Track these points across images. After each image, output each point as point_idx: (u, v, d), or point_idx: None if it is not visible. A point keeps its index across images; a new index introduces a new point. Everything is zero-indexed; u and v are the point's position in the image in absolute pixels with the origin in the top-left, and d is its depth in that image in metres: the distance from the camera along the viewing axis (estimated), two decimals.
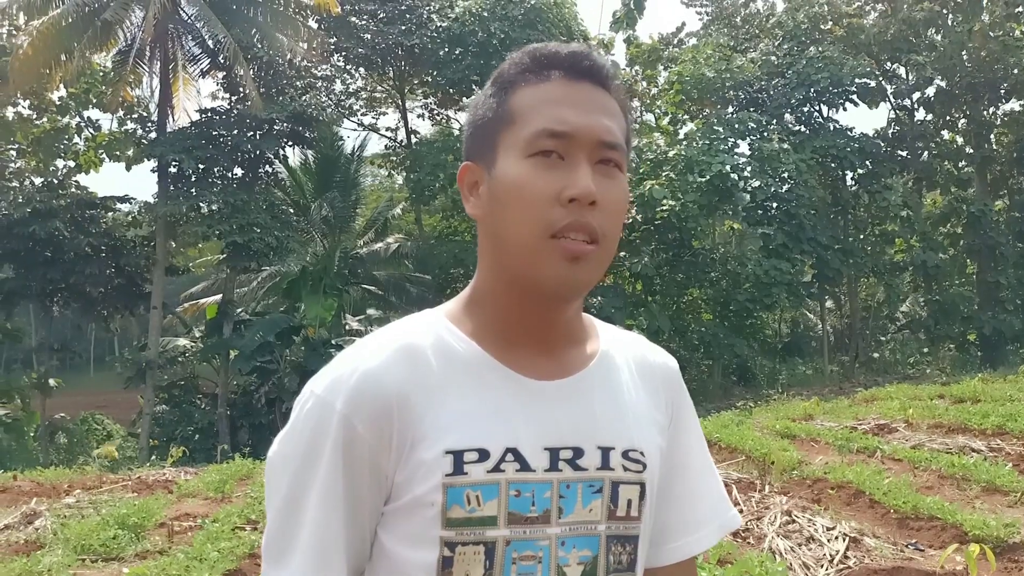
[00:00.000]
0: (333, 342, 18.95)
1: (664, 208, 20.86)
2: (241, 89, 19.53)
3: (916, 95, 25.74)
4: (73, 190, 21.49)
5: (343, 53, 22.94)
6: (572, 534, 0.95)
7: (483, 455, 0.92)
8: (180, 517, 6.86)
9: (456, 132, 24.36)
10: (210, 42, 19.52)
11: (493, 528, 0.92)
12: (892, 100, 26.06)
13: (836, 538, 4.67)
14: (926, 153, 26.18)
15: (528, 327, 0.99)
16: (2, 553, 5.80)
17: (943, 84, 25.01)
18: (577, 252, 0.94)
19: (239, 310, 21.17)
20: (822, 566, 4.36)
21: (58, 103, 22.98)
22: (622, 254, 23.29)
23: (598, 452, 0.97)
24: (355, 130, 27.13)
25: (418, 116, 26.22)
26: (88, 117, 23.80)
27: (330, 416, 0.92)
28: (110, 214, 22.11)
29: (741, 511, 5.73)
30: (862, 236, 25.06)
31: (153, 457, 16.11)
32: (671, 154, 22.38)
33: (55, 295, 21.13)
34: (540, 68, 0.99)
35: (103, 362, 42.13)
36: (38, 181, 22.24)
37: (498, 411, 0.94)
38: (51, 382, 21.35)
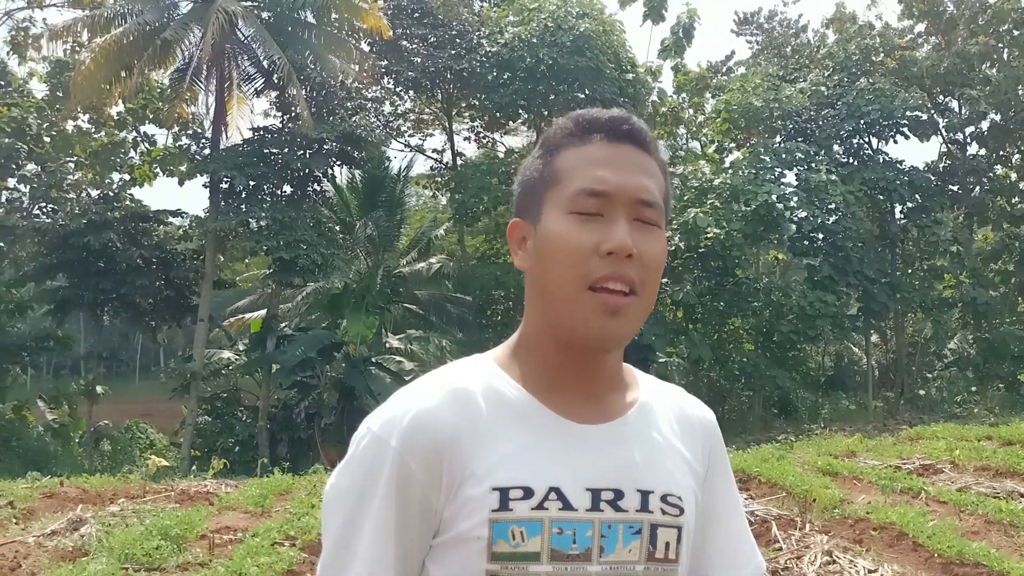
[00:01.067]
0: (373, 359, 19.13)
1: (708, 236, 20.77)
2: (293, 108, 19.94)
3: (969, 129, 25.35)
4: (127, 203, 22.05)
5: (393, 76, 23.30)
6: (612, 573, 0.99)
7: (528, 493, 0.97)
8: (221, 530, 6.96)
9: (501, 155, 24.57)
10: (265, 62, 19.98)
11: (536, 563, 0.96)
12: (944, 134, 25.68)
13: None
14: (978, 188, 25.73)
15: (571, 374, 1.04)
16: (49, 559, 5.95)
17: (997, 118, 24.61)
18: (615, 305, 0.99)
19: (282, 325, 21.48)
20: None
21: (116, 118, 23.65)
22: (664, 281, 23.16)
23: (638, 495, 1.02)
24: (402, 151, 27.55)
25: (464, 139, 26.48)
26: (144, 132, 24.44)
27: (385, 453, 0.98)
28: (162, 227, 22.64)
29: (780, 549, 5.67)
30: (910, 271, 24.64)
31: (194, 468, 16.37)
32: (716, 182, 22.31)
33: (106, 304, 21.64)
34: (583, 132, 1.06)
35: (148, 371, 42.96)
36: (94, 193, 22.87)
37: (543, 453, 0.99)
38: (98, 389, 21.82)
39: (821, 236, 22.43)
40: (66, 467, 15.81)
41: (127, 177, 24.35)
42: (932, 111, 24.98)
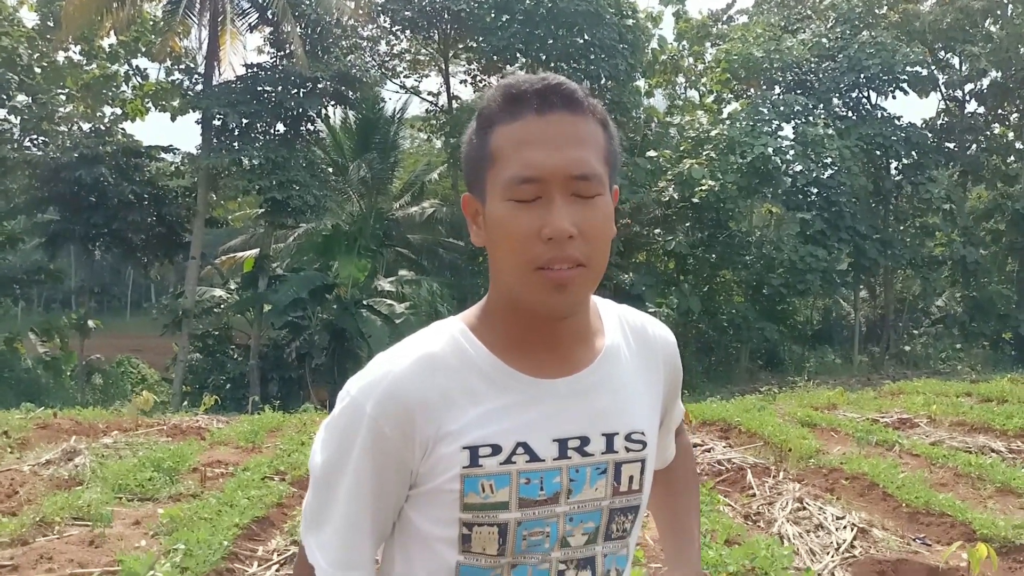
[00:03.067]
0: (365, 302, 19.23)
1: (703, 188, 20.76)
2: (287, 45, 19.67)
3: (968, 86, 25.25)
4: (119, 137, 21.88)
5: (389, 14, 22.95)
6: (579, 511, 1.10)
7: (496, 449, 1.06)
8: (212, 463, 7.12)
9: None
10: None
11: (505, 512, 1.06)
12: (943, 90, 25.57)
13: (845, 527, 4.76)
14: (974, 146, 25.71)
15: (537, 337, 1.11)
16: (45, 487, 6.09)
17: (997, 76, 24.46)
18: (561, 280, 1.03)
19: (274, 265, 21.53)
20: (828, 553, 4.46)
21: (108, 50, 23.32)
22: (656, 231, 23.24)
23: (603, 439, 1.11)
24: (397, 92, 27.24)
25: (460, 82, 26.19)
26: (136, 66, 24.14)
27: (360, 418, 1.06)
28: (154, 163, 22.50)
29: (754, 495, 5.84)
30: (902, 227, 24.74)
31: (185, 403, 16.57)
32: (713, 133, 22.22)
33: (97, 239, 21.63)
34: (512, 105, 1.06)
35: (140, 307, 43.04)
36: (86, 127, 22.66)
37: (510, 411, 1.08)
38: (89, 323, 21.93)
39: (815, 190, 22.44)
40: (58, 399, 15.98)
41: (119, 111, 24.12)
42: (933, 67, 24.82)
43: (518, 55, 22.68)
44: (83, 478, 6.35)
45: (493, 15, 21.49)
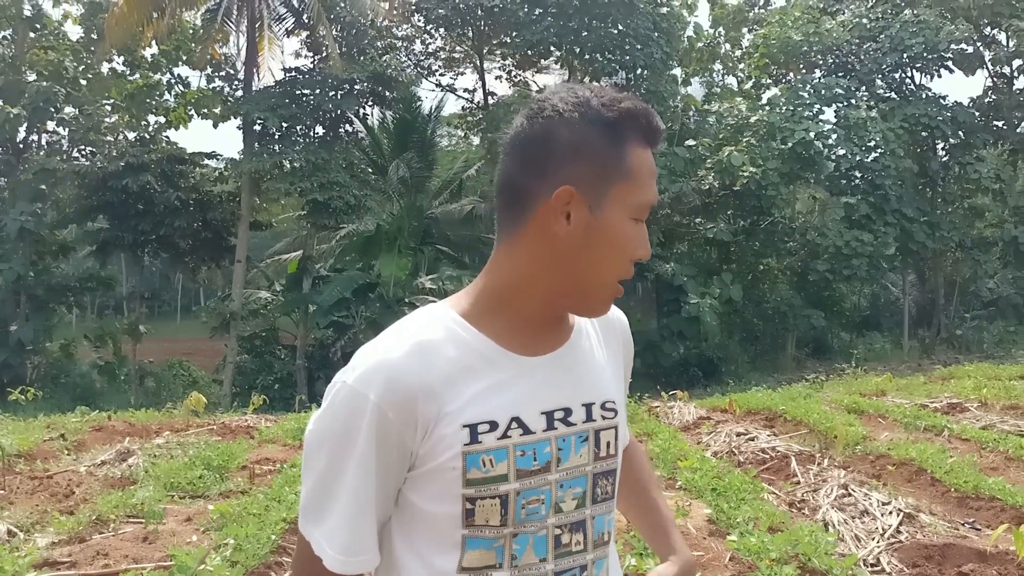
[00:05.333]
0: (407, 300, 19.38)
1: (744, 175, 20.52)
2: (324, 48, 19.91)
3: (1016, 62, 24.51)
4: (164, 145, 22.35)
5: (423, 13, 23.07)
6: (568, 477, 1.18)
7: (493, 426, 1.13)
8: (260, 461, 7.26)
9: (534, 94, 24.26)
10: (295, 1, 19.92)
11: (505, 484, 1.13)
12: (989, 67, 24.88)
13: (891, 513, 4.69)
14: None
15: (539, 321, 1.21)
16: (100, 485, 6.28)
17: None
18: (620, 293, 1.20)
19: (318, 266, 21.79)
20: (873, 539, 4.40)
21: (150, 60, 23.80)
22: (697, 220, 23.04)
23: (583, 408, 1.21)
24: (433, 90, 27.34)
25: (496, 78, 26.25)
26: (178, 74, 24.60)
27: (364, 405, 1.10)
28: (198, 170, 22.93)
29: (798, 482, 5.79)
30: (950, 209, 24.17)
31: (235, 404, 16.88)
32: (753, 119, 21.94)
33: (146, 245, 22.12)
34: (645, 133, 1.18)
35: (189, 312, 43.88)
36: (131, 136, 23.17)
37: (503, 388, 1.15)
38: (141, 328, 22.45)
39: (859, 174, 22.04)
40: (112, 403, 16.38)
41: (163, 120, 24.60)
42: (978, 43, 24.18)
43: (552, 49, 22.65)
44: (136, 477, 6.53)
45: (526, 9, 21.47)
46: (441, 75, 26.79)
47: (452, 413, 1.11)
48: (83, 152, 22.21)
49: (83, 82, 22.13)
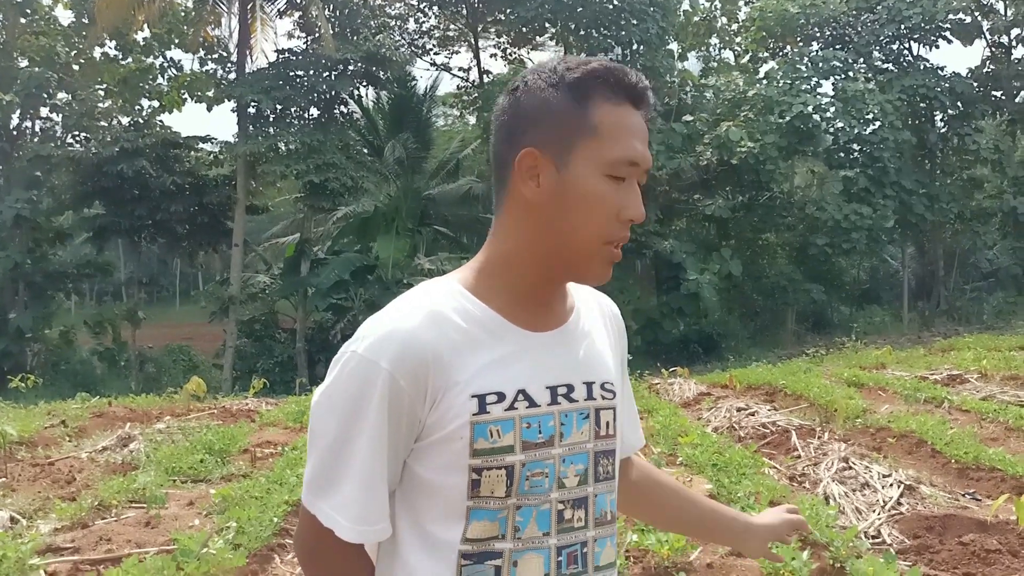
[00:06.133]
0: (406, 281, 19.37)
1: (742, 149, 20.43)
2: (317, 29, 19.74)
3: (1015, 31, 24.34)
4: (158, 130, 22.21)
5: None
6: (571, 453, 1.18)
7: (500, 397, 1.13)
8: (262, 444, 7.28)
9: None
10: None
11: (511, 455, 1.13)
12: (988, 37, 24.71)
13: (891, 485, 4.70)
14: (1023, 93, 24.85)
15: (539, 293, 1.20)
16: (101, 471, 6.29)
17: None
18: (616, 257, 1.18)
19: (316, 249, 21.74)
20: (874, 511, 4.41)
21: (142, 43, 23.60)
22: (696, 196, 22.97)
23: (584, 386, 1.21)
24: (427, 70, 27.26)
25: (491, 56, 26.06)
26: (171, 58, 24.41)
27: (376, 374, 1.10)
28: (193, 153, 22.81)
29: (798, 456, 5.80)
30: (949, 181, 24.09)
31: (235, 388, 16.91)
32: (750, 94, 21.82)
33: (143, 231, 22.05)
34: (614, 88, 1.15)
35: (188, 296, 43.87)
36: (125, 121, 23.03)
37: (510, 361, 1.15)
38: (139, 314, 22.44)
39: (857, 147, 21.96)
40: (113, 388, 16.42)
41: (156, 104, 24.43)
42: (976, 13, 24.00)
43: (547, 25, 22.46)
44: (138, 462, 6.54)
45: None
46: (436, 54, 26.60)
47: (461, 383, 1.11)
48: (77, 138, 22.09)
49: (75, 67, 21.97)
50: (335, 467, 1.13)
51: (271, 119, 20.22)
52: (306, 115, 20.73)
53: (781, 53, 25.19)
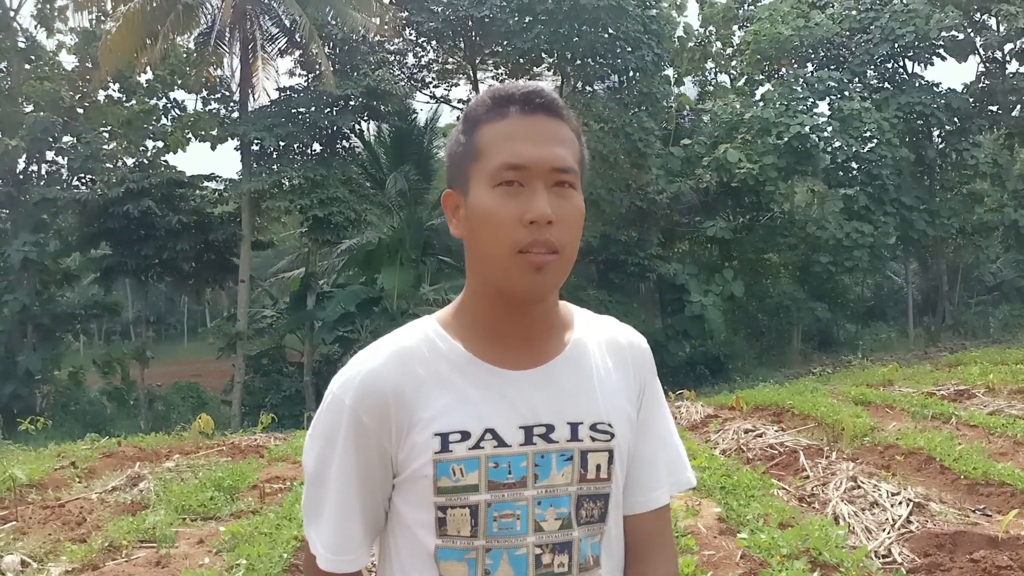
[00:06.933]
0: (411, 312, 19.43)
1: (741, 171, 20.55)
2: (317, 66, 19.97)
3: (1008, 46, 24.53)
4: (163, 170, 22.38)
5: (414, 27, 23.14)
6: (548, 495, 1.16)
7: (465, 435, 1.13)
8: (271, 480, 7.29)
9: None
10: (286, 21, 20.01)
11: (475, 494, 1.13)
12: (981, 53, 24.90)
13: (900, 503, 4.70)
14: (1018, 107, 24.97)
15: (507, 326, 1.19)
16: (112, 512, 6.31)
17: None
18: (539, 263, 1.11)
19: (321, 282, 21.83)
20: (884, 530, 4.41)
21: (145, 85, 23.88)
22: (697, 219, 23.07)
23: (568, 427, 1.17)
24: (427, 103, 27.38)
25: (489, 87, 26.23)
26: (174, 98, 24.67)
27: (342, 410, 1.16)
28: (198, 192, 22.97)
29: (807, 477, 5.80)
30: (949, 196, 24.15)
31: (244, 423, 16.91)
32: (747, 116, 21.97)
33: (149, 270, 22.15)
34: (499, 106, 1.16)
35: (196, 333, 43.98)
36: (130, 162, 23.23)
37: (478, 400, 1.15)
38: (147, 353, 22.49)
39: (856, 166, 22.07)
40: (122, 428, 16.44)
41: (160, 144, 24.65)
42: (969, 30, 24.20)
43: (544, 56, 22.69)
44: (148, 502, 6.55)
45: (516, 18, 21.53)
46: (435, 87, 26.85)
47: (424, 420, 1.13)
48: (83, 180, 22.27)
49: (80, 111, 22.21)
50: (316, 497, 1.19)
51: (274, 155, 20.41)
52: (309, 151, 20.92)
53: (777, 75, 25.40)
